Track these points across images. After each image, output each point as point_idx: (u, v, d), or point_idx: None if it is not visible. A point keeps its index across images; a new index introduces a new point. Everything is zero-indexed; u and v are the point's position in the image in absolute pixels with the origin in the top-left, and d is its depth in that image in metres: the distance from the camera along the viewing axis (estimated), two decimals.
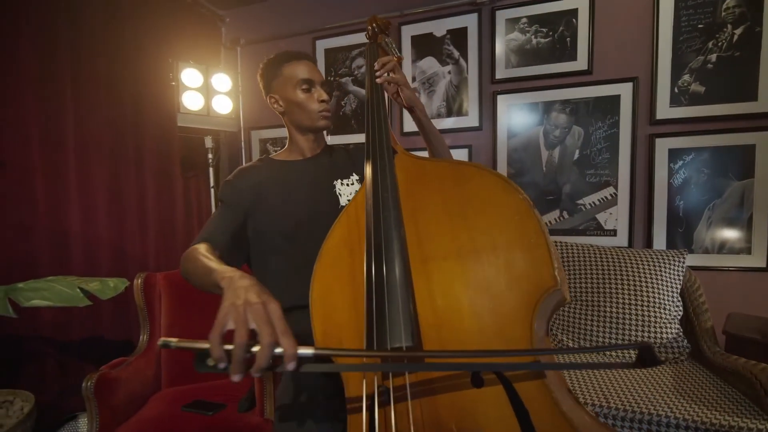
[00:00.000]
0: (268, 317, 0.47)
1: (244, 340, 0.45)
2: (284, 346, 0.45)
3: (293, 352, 0.45)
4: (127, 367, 1.30)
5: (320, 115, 0.96)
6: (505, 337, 0.56)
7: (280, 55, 0.99)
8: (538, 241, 0.57)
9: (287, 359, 0.45)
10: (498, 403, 0.52)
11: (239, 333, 0.45)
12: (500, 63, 1.96)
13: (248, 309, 0.48)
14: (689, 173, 1.73)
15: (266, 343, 0.45)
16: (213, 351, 0.44)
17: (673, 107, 1.73)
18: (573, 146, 1.87)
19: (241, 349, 0.44)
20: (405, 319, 0.53)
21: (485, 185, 0.66)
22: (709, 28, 1.66)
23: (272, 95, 0.99)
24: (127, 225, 1.85)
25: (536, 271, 0.56)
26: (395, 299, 0.55)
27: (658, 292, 1.52)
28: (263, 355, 0.44)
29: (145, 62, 1.89)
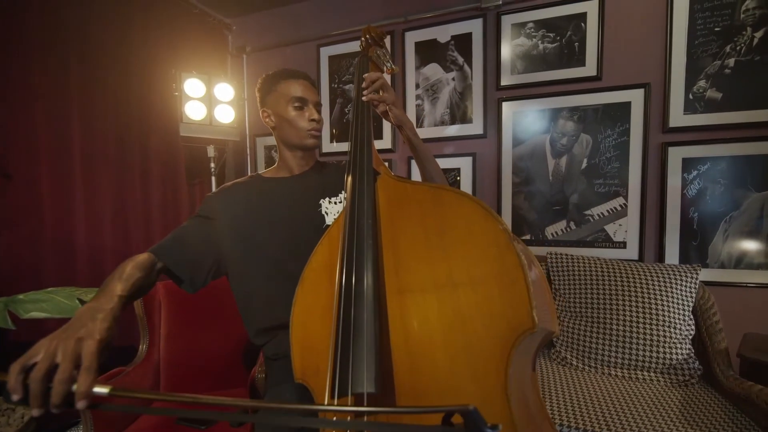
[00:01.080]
0: (75, 353, 0.47)
1: (40, 373, 0.44)
2: (78, 381, 0.44)
3: (84, 390, 0.44)
4: (124, 377, 1.31)
5: (309, 133, 0.95)
6: (478, 381, 0.53)
7: (279, 72, 0.99)
8: (516, 277, 0.54)
9: (77, 396, 0.44)
10: None
11: (39, 365, 0.45)
12: (506, 69, 1.91)
13: (60, 343, 0.48)
14: (705, 184, 1.64)
15: (59, 378, 0.44)
16: (9, 381, 0.44)
17: (688, 114, 1.65)
18: (581, 155, 1.81)
19: (36, 383, 0.44)
20: (369, 363, 0.50)
21: (464, 213, 0.62)
22: (726, 31, 1.58)
23: (265, 109, 0.99)
24: (131, 234, 1.88)
25: (513, 311, 0.53)
26: (361, 340, 0.52)
27: (669, 310, 1.45)
28: (56, 391, 0.44)
29: (151, 73, 1.92)
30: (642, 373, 1.41)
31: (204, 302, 1.61)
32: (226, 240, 0.90)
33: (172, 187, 2.05)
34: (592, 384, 1.38)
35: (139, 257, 0.79)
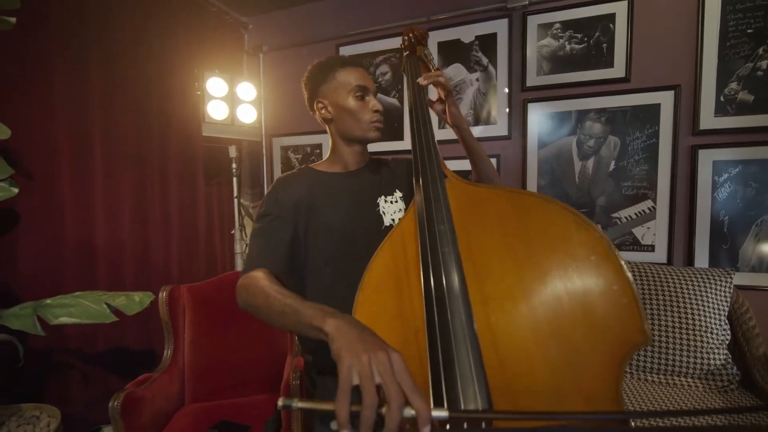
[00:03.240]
0: (393, 370, 0.41)
1: (374, 399, 0.38)
2: (416, 407, 0.38)
3: (427, 415, 0.37)
4: (152, 384, 1.28)
5: (372, 125, 0.90)
6: (586, 395, 0.50)
7: (333, 59, 0.94)
8: (622, 287, 0.51)
9: (421, 423, 0.37)
10: None
11: (368, 391, 0.38)
12: (531, 70, 1.88)
13: (373, 361, 0.41)
14: (735, 187, 1.63)
15: (397, 404, 0.37)
16: (340, 415, 0.37)
17: (719, 117, 1.63)
18: (609, 157, 1.79)
19: (371, 411, 0.37)
20: (478, 376, 0.47)
21: (554, 220, 0.60)
22: (759, 33, 1.57)
23: (320, 100, 0.93)
24: (151, 236, 1.84)
25: (621, 324, 0.50)
26: (464, 352, 0.49)
27: (704, 314, 1.43)
28: (393, 418, 0.37)
29: (169, 72, 1.88)
30: (680, 378, 1.39)
31: (228, 306, 1.57)
32: (295, 231, 0.86)
33: (190, 188, 2.01)
34: (630, 389, 1.35)
35: (260, 276, 0.74)
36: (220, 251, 2.20)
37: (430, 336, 0.53)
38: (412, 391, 0.39)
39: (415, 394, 0.39)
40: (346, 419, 0.37)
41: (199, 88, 1.73)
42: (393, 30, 2.12)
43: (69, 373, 1.52)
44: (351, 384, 0.40)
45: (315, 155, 2.38)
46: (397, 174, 1.03)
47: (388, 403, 0.38)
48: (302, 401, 0.40)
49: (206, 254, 2.09)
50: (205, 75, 1.74)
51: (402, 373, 0.41)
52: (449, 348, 0.50)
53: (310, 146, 2.39)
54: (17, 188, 1.24)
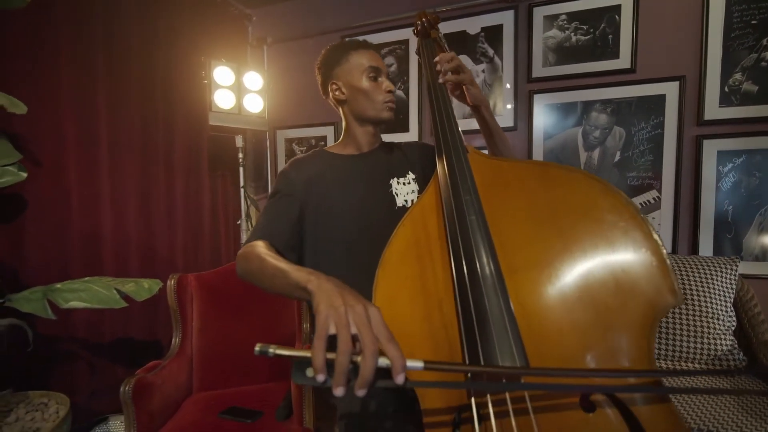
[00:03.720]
0: (370, 321, 0.42)
1: (348, 346, 0.39)
2: (390, 355, 0.39)
3: (402, 363, 0.39)
4: (161, 371, 1.27)
5: (386, 105, 0.92)
6: (617, 356, 0.50)
7: (347, 42, 0.96)
8: (652, 249, 0.52)
9: (396, 371, 0.39)
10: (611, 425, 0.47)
11: (343, 338, 0.40)
12: (537, 61, 1.89)
13: (349, 312, 0.42)
14: (739, 176, 1.65)
15: (371, 351, 0.39)
16: (315, 359, 0.38)
17: (723, 107, 1.65)
18: (614, 148, 1.80)
19: (346, 357, 0.38)
20: (514, 336, 0.48)
21: (579, 189, 0.60)
22: (763, 23, 1.58)
23: (335, 82, 0.94)
24: (156, 225, 1.83)
25: (653, 286, 0.50)
26: (498, 313, 0.50)
27: (710, 301, 1.45)
28: (368, 366, 0.38)
29: (175, 61, 1.87)
30: (687, 364, 1.40)
31: (236, 294, 1.57)
32: (305, 212, 0.87)
33: (195, 178, 2.00)
34: None
35: (259, 244, 0.75)
36: (225, 241, 2.19)
37: (462, 299, 0.54)
38: (387, 341, 0.40)
39: (391, 344, 0.40)
40: (321, 364, 0.38)
41: (206, 77, 1.72)
42: (398, 22, 2.13)
43: (75, 362, 1.51)
44: (327, 332, 0.41)
45: (320, 147, 2.37)
46: (409, 156, 1.04)
47: (362, 351, 0.39)
48: (279, 348, 0.41)
49: (211, 244, 2.09)
50: (212, 64, 1.73)
51: (378, 325, 0.42)
52: (482, 308, 0.50)
53: (314, 138, 2.38)
54: (25, 173, 1.23)
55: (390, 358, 0.39)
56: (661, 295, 0.49)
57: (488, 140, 0.93)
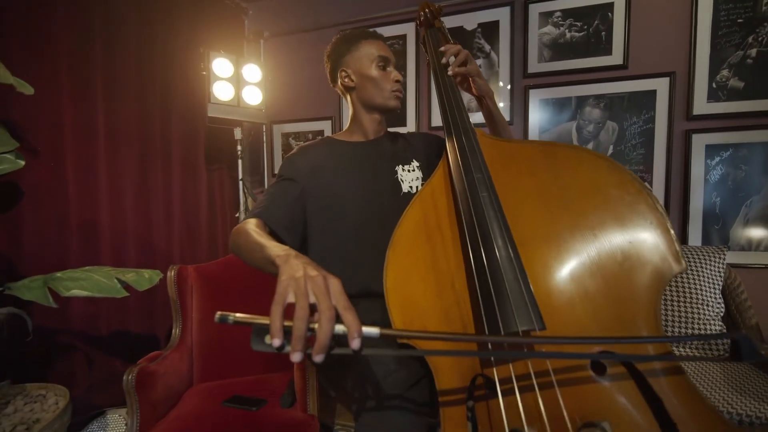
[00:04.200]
0: (328, 290, 0.43)
1: (305, 312, 0.40)
2: (346, 321, 0.41)
3: (357, 328, 0.40)
4: (163, 360, 1.26)
5: (393, 94, 0.94)
6: (626, 324, 0.53)
7: (357, 32, 0.98)
8: (656, 221, 0.55)
9: (351, 336, 0.40)
10: (625, 392, 0.49)
11: (300, 305, 0.41)
12: (532, 57, 1.93)
13: (308, 281, 0.43)
14: (726, 169, 1.71)
15: (327, 316, 0.40)
16: (273, 328, 0.39)
17: (711, 102, 1.71)
18: (607, 142, 1.85)
19: (302, 322, 0.40)
20: (530, 300, 0.50)
21: (585, 166, 0.63)
22: (748, 22, 1.64)
23: (344, 69, 0.96)
24: (154, 217, 1.81)
25: (660, 254, 0.53)
26: (515, 280, 0.52)
27: (700, 289, 1.50)
28: (324, 331, 0.40)
29: (175, 52, 1.86)
30: (678, 349, 1.45)
31: (236, 285, 1.56)
32: (310, 200, 0.89)
33: (192, 170, 1.99)
34: None
35: (251, 221, 0.76)
36: (222, 234, 2.18)
37: (478, 270, 0.55)
38: (345, 309, 0.42)
39: (348, 312, 0.41)
40: (277, 329, 0.40)
41: (205, 68, 1.72)
42: (396, 17, 2.15)
43: (71, 355, 1.49)
44: (285, 299, 0.42)
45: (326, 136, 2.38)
46: (413, 145, 1.06)
47: (319, 317, 0.40)
48: (239, 316, 0.42)
49: (208, 237, 2.08)
50: (210, 55, 1.72)
51: (337, 294, 0.43)
52: (499, 277, 0.52)
53: (312, 132, 2.39)
54: (23, 161, 1.21)
55: (346, 324, 0.41)
56: (666, 263, 0.52)
57: (492, 130, 0.96)
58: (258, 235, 0.68)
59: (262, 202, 0.86)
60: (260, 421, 1.10)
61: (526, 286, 0.51)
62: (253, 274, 1.60)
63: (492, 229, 0.58)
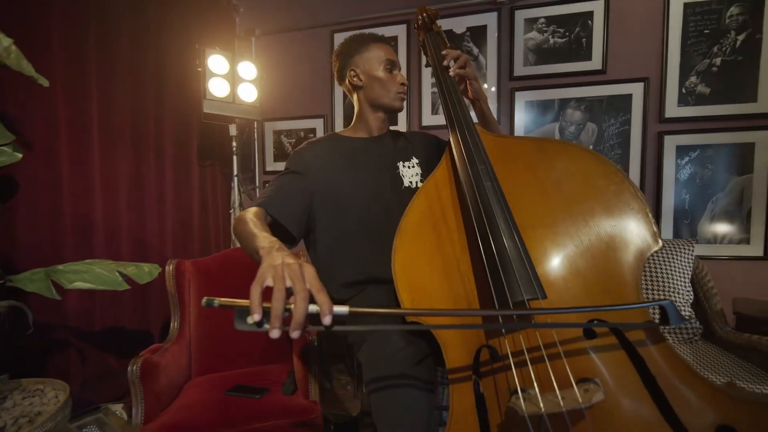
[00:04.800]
0: (303, 276, 0.49)
1: (282, 293, 0.46)
2: (319, 301, 0.47)
3: (328, 307, 0.46)
4: (164, 353, 1.28)
5: (398, 95, 1.00)
6: (613, 295, 0.60)
7: (366, 35, 1.04)
8: (639, 206, 0.62)
9: (323, 313, 0.46)
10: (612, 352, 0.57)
11: (277, 287, 0.47)
12: (518, 61, 2.03)
13: (285, 268, 0.49)
14: (695, 169, 1.85)
15: (301, 297, 0.46)
16: (252, 306, 0.45)
17: (681, 107, 1.84)
18: (587, 142, 1.97)
19: (280, 303, 0.45)
20: (532, 272, 0.56)
21: (576, 160, 0.70)
22: (714, 33, 1.79)
23: (353, 69, 1.01)
24: (147, 212, 1.81)
25: (641, 234, 0.61)
26: (519, 258, 0.58)
27: (671, 278, 1.62)
28: (299, 310, 0.45)
29: (168, 49, 1.86)
30: None
31: (233, 279, 1.59)
32: (317, 193, 0.93)
33: (185, 166, 1.99)
34: None
35: (252, 210, 0.80)
36: (215, 231, 2.18)
37: (486, 249, 0.62)
38: (318, 291, 0.48)
39: (321, 293, 0.48)
40: (256, 305, 0.45)
41: (201, 64, 1.73)
42: (388, 19, 2.21)
43: (66, 350, 1.48)
44: (264, 281, 0.48)
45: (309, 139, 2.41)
46: (413, 143, 1.12)
47: (295, 298, 0.46)
48: (223, 300, 0.47)
49: (200, 233, 2.08)
50: (206, 52, 1.73)
51: (311, 278, 0.49)
52: (504, 254, 0.59)
53: (303, 130, 2.42)
54: (21, 153, 1.20)
55: (319, 304, 0.47)
56: (646, 242, 0.60)
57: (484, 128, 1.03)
58: (253, 225, 0.73)
59: (267, 193, 0.90)
60: (265, 408, 1.13)
61: (529, 263, 0.57)
62: (250, 269, 1.63)
63: (497, 215, 0.64)
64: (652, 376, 0.54)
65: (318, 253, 0.97)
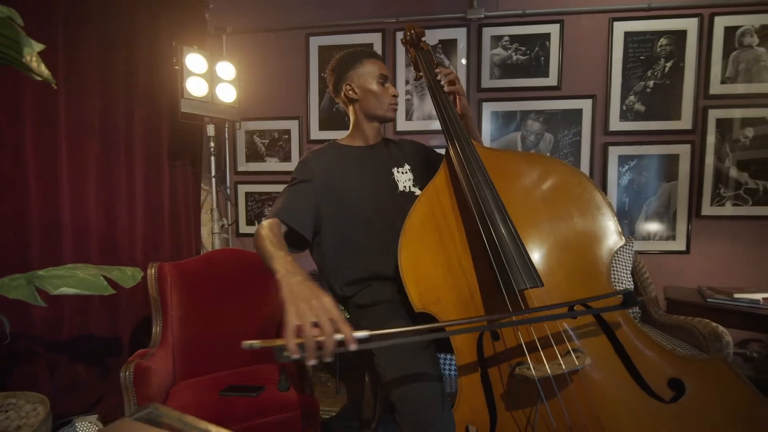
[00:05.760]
0: (325, 309, 0.60)
1: (313, 334, 0.57)
2: (344, 332, 0.58)
3: (351, 336, 0.58)
4: (153, 357, 1.26)
5: (391, 106, 1.09)
6: (588, 282, 0.74)
7: (359, 51, 1.11)
8: (606, 210, 0.77)
9: (347, 342, 0.57)
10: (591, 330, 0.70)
11: (307, 330, 0.57)
12: (485, 74, 2.20)
13: (308, 309, 0.60)
14: (633, 176, 2.13)
15: (329, 332, 0.57)
16: (289, 346, 0.55)
17: (622, 121, 2.12)
18: (545, 150, 2.19)
19: (311, 342, 0.56)
20: (532, 267, 0.68)
21: (557, 171, 0.84)
22: (648, 60, 2.08)
23: (349, 83, 1.08)
24: (116, 214, 1.73)
25: (608, 233, 0.76)
26: (519, 254, 0.70)
27: (617, 271, 1.87)
28: (329, 343, 0.56)
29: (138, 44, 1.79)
30: None
31: (218, 282, 1.58)
32: (323, 199, 0.99)
33: (156, 166, 1.92)
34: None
35: (267, 224, 0.86)
36: (186, 232, 2.12)
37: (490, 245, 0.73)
38: (340, 321, 0.59)
39: (343, 324, 0.58)
40: (294, 348, 0.56)
41: (178, 63, 1.69)
42: (365, 27, 2.28)
43: (34, 361, 1.39)
44: (295, 324, 0.59)
45: (283, 140, 2.42)
46: (404, 150, 1.22)
47: (324, 333, 0.58)
48: (263, 342, 0.57)
49: (171, 234, 2.01)
50: (184, 50, 1.70)
51: (331, 310, 0.61)
52: (506, 248, 0.70)
53: (278, 131, 2.42)
54: None
55: (344, 333, 0.58)
56: (613, 238, 0.75)
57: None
58: (269, 242, 0.80)
59: (280, 204, 0.97)
60: (263, 405, 1.17)
61: (528, 257, 0.69)
62: (234, 271, 1.63)
63: (498, 218, 0.76)
64: (621, 344, 0.69)
65: (324, 254, 1.03)
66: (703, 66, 2.04)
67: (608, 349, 0.69)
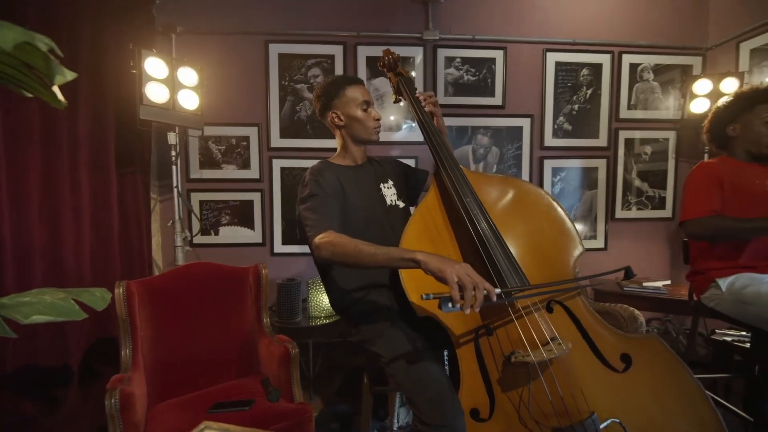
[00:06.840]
0: (470, 272, 0.75)
1: (471, 286, 0.72)
2: (488, 288, 0.74)
3: (494, 290, 0.75)
4: (131, 382, 1.19)
5: (375, 130, 1.18)
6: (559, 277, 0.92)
7: (341, 78, 1.17)
8: (570, 223, 0.97)
9: (491, 295, 0.74)
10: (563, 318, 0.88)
11: (467, 283, 0.72)
12: (440, 91, 2.40)
13: (461, 269, 0.75)
14: (563, 185, 2.49)
15: (481, 288, 0.73)
16: (454, 296, 0.71)
17: (555, 138, 2.47)
18: (492, 162, 2.45)
19: (470, 292, 0.72)
20: (519, 270, 0.84)
21: (528, 192, 1.02)
22: (573, 87, 2.45)
23: (334, 111, 1.15)
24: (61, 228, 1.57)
25: (573, 241, 0.95)
26: (509, 259, 0.85)
27: None
28: (480, 296, 0.72)
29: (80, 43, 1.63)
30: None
31: (189, 297, 1.53)
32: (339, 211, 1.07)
33: (102, 174, 1.77)
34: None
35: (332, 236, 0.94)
36: (138, 245, 1.98)
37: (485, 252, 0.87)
38: (482, 280, 0.75)
39: (485, 282, 0.75)
40: (458, 297, 0.73)
41: (135, 66, 1.58)
42: (327, 38, 2.33)
43: None
44: (455, 281, 0.73)
45: (241, 147, 2.36)
46: (386, 168, 1.33)
47: (476, 288, 0.74)
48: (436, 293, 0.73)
49: (122, 249, 1.86)
50: (143, 53, 1.60)
51: (474, 273, 0.76)
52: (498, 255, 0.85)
53: (236, 138, 2.35)
54: None
55: (488, 289, 0.73)
56: (576, 246, 0.94)
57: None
58: (367, 244, 0.89)
59: (319, 217, 1.01)
60: (260, 417, 1.18)
61: (515, 262, 0.85)
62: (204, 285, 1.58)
63: (489, 232, 0.90)
64: (585, 329, 0.88)
65: (329, 265, 1.09)
66: (615, 94, 2.47)
67: (576, 335, 0.88)
